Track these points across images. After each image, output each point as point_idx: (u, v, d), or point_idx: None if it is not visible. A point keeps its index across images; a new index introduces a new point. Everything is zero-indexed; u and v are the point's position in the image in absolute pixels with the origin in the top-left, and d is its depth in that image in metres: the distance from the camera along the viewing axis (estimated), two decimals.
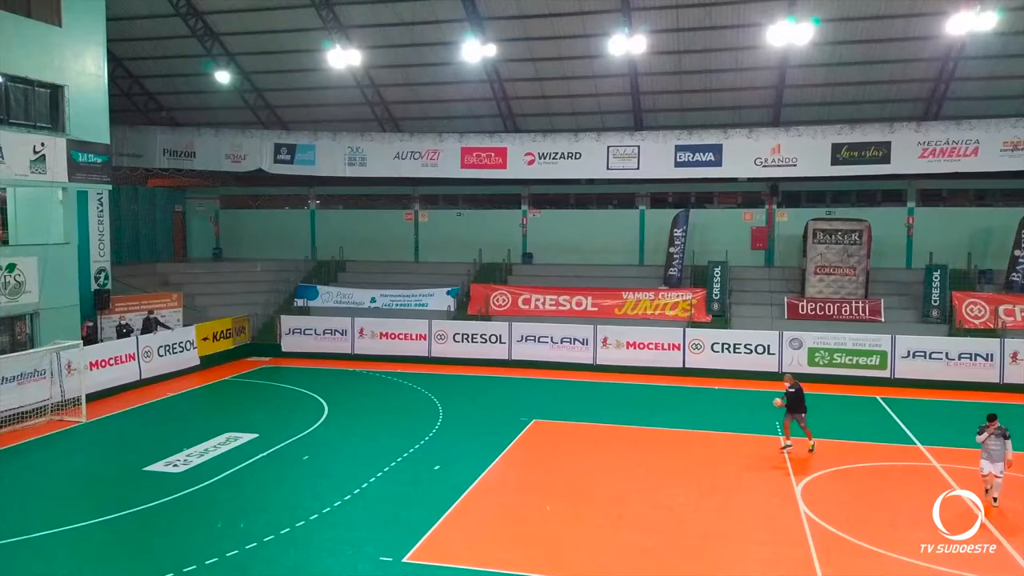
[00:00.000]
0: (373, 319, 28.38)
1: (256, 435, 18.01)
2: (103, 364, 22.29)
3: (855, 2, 23.74)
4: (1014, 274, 26.33)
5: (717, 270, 27.73)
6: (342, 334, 28.06)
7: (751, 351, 25.12)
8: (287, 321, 28.77)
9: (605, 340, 26.33)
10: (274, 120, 32.76)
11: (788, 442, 16.78)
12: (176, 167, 32.33)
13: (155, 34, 29.04)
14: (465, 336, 27.36)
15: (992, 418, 13.74)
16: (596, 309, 28.18)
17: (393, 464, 16.05)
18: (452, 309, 29.31)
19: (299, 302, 30.57)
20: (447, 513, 13.31)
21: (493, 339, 27.11)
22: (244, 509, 13.54)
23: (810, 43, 23.95)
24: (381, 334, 27.83)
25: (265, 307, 30.73)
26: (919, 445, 17.70)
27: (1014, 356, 23.28)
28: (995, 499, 13.41)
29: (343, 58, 26.88)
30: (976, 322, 25.26)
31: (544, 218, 33.34)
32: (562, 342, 26.61)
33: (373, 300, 29.91)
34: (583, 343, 26.46)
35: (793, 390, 16.80)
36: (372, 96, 30.76)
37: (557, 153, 28.80)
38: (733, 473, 15.64)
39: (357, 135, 30.28)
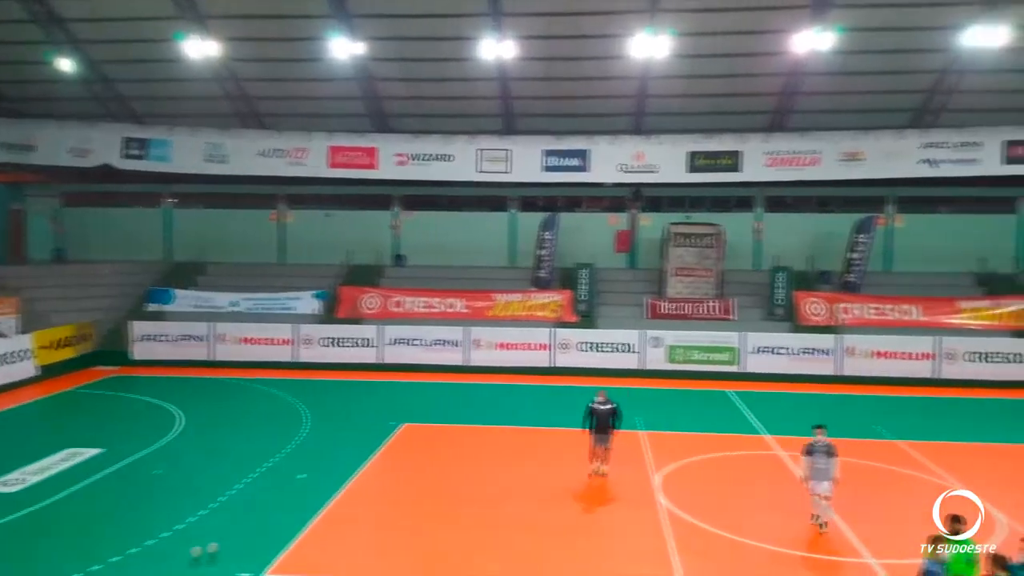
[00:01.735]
0: (235, 324, 27.28)
1: (102, 450, 16.81)
2: None
3: (708, 17, 25.06)
4: (850, 275, 28.74)
5: (584, 272, 28.60)
6: (200, 340, 26.82)
7: (615, 350, 26.15)
8: (139, 327, 27.12)
9: (477, 341, 26.56)
10: (126, 113, 30.68)
11: (603, 467, 15.29)
12: (13, 161, 29.57)
13: None
14: (333, 340, 26.79)
15: (819, 429, 12.77)
16: (468, 311, 28.31)
17: (254, 475, 15.43)
18: (320, 312, 28.56)
19: (152, 307, 28.81)
20: (311, 524, 12.93)
21: (363, 342, 26.69)
22: (88, 529, 12.60)
23: (669, 56, 25.11)
24: (243, 339, 26.80)
25: (114, 312, 28.74)
26: (765, 435, 18.96)
27: (850, 350, 25.43)
28: (824, 524, 12.66)
29: (201, 49, 25.63)
30: (816, 319, 27.35)
31: (416, 220, 33.13)
32: (434, 344, 26.62)
33: (235, 304, 28.67)
34: (455, 345, 26.58)
35: (604, 407, 15.24)
36: (233, 90, 29.45)
37: (429, 155, 28.63)
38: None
39: (217, 130, 28.86)
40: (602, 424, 15.22)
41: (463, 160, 28.38)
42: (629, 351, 26.13)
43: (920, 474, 15.96)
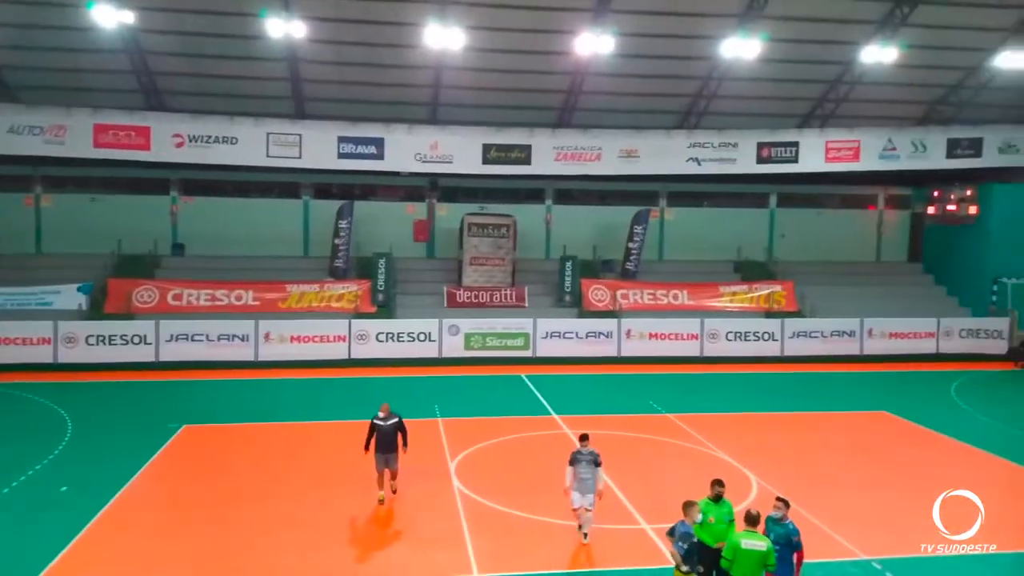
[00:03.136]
0: None
1: None
2: None
3: (498, 13, 25.69)
4: (628, 263, 30.97)
5: (382, 262, 28.34)
6: None
7: (414, 339, 26.25)
8: None
9: (268, 335, 25.47)
10: None
11: (391, 491, 13.78)
12: None
13: None
14: (101, 338, 24.45)
15: (584, 438, 12.06)
16: (258, 303, 27.02)
17: (5, 491, 13.68)
18: (85, 308, 25.87)
19: None
20: (73, 541, 11.69)
21: (136, 340, 24.62)
22: None
23: (463, 48, 25.45)
24: None
25: None
26: (554, 415, 19.96)
27: (628, 333, 27.45)
28: (585, 535, 11.89)
29: None
30: (600, 305, 29.22)
31: (198, 206, 30.95)
32: (219, 339, 25.19)
33: None
34: (243, 339, 25.32)
35: (388, 423, 13.49)
36: None
37: (211, 136, 26.75)
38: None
39: None
40: (387, 442, 13.40)
41: (250, 143, 26.82)
42: (428, 340, 26.33)
43: (687, 444, 17.60)
